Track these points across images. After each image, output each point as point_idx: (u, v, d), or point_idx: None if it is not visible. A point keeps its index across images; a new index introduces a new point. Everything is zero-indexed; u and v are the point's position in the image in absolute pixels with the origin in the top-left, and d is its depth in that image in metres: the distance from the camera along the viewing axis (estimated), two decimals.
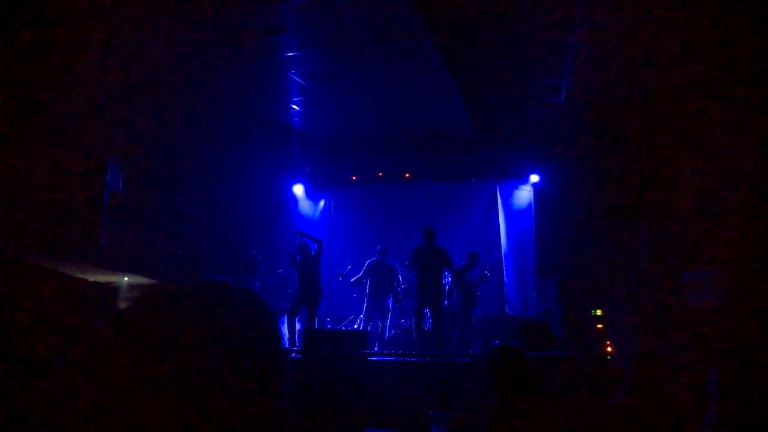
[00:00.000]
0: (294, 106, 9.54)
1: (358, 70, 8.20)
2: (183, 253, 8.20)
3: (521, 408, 2.92)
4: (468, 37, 7.07)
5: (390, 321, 9.23)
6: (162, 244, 7.98)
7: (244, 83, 8.58)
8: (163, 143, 8.34)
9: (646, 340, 6.99)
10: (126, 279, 8.06)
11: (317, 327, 8.85)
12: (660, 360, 3.51)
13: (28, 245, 6.10)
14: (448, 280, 9.19)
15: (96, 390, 0.72)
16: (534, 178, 10.27)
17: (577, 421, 3.55)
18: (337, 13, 6.55)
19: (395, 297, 9.15)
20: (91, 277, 7.39)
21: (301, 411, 5.84)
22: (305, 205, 11.55)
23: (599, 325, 7.79)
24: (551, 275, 9.28)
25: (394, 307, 9.24)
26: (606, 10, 6.09)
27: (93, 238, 7.05)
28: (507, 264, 10.25)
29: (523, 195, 10.56)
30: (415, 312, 8.28)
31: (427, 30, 6.73)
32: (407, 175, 11.05)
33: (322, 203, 11.82)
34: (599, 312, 7.91)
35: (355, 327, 9.48)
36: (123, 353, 0.74)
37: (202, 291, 0.83)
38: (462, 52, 7.42)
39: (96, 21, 6.20)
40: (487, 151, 10.58)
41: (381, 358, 7.69)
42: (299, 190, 11.41)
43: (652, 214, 7.52)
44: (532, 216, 10.28)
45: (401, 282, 9.30)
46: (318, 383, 6.55)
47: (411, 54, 7.59)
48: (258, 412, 0.77)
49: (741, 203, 5.80)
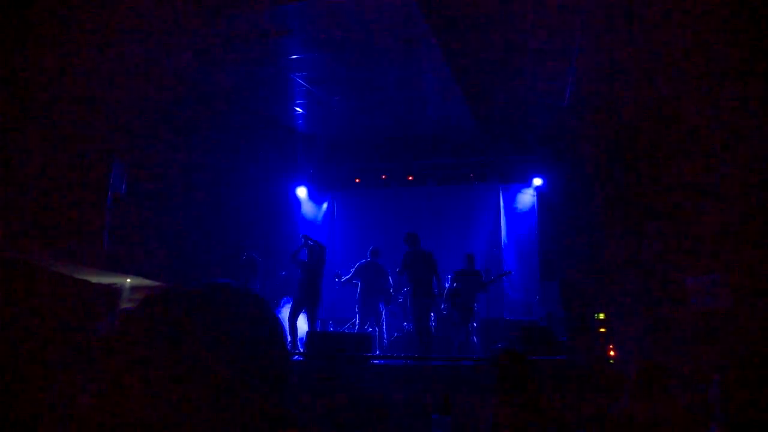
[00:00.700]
0: (297, 108, 9.55)
1: (361, 72, 8.22)
2: (186, 256, 8.21)
3: (524, 411, 2.91)
4: (471, 40, 7.08)
5: (386, 324, 9.19)
6: (165, 246, 8.00)
7: (247, 86, 8.60)
8: (167, 146, 8.36)
9: (649, 344, 6.97)
10: (129, 281, 8.07)
11: (319, 329, 8.85)
12: (664, 366, 3.49)
13: (31, 247, 6.12)
14: (453, 285, 9.12)
15: (101, 391, 0.72)
16: (537, 181, 10.26)
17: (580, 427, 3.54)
18: (341, 16, 6.57)
19: (387, 299, 9.14)
20: (94, 279, 7.40)
21: (303, 413, 5.83)
22: (308, 208, 11.56)
23: (602, 329, 7.77)
24: (554, 279, 9.26)
25: (386, 309, 9.22)
26: (609, 13, 6.09)
27: (96, 240, 7.06)
28: (509, 267, 10.23)
29: (526, 198, 10.55)
30: (416, 316, 8.29)
31: (431, 32, 6.74)
32: (410, 178, 11.05)
33: (325, 206, 11.82)
34: (602, 316, 7.89)
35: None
36: (128, 354, 0.74)
37: (206, 293, 0.83)
38: (465, 54, 7.43)
39: (101, 22, 6.23)
40: (491, 154, 10.58)
41: (383, 361, 7.68)
42: (302, 192, 11.42)
43: (656, 217, 7.50)
44: (535, 219, 10.28)
45: (392, 284, 9.29)
46: (320, 386, 6.55)
47: (414, 56, 7.60)
48: (264, 412, 0.76)
49: (746, 207, 5.78)
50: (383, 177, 11.13)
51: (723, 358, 5.28)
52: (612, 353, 7.41)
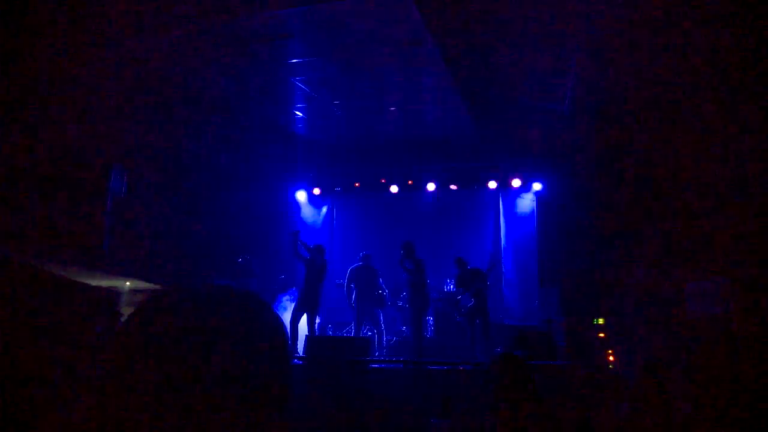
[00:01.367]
0: (297, 112, 9.56)
1: (361, 77, 8.23)
2: (185, 260, 8.21)
3: (523, 417, 2.90)
4: (471, 45, 7.09)
5: (383, 327, 9.17)
6: (165, 249, 8.00)
7: (247, 89, 8.61)
8: (167, 149, 8.37)
9: (648, 349, 6.96)
10: (128, 284, 8.08)
11: (318, 334, 8.84)
12: (664, 371, 3.49)
13: (32, 249, 6.12)
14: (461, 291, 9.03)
15: (102, 392, 0.72)
16: (537, 186, 10.26)
17: None
18: (342, 20, 6.58)
19: (381, 302, 9.13)
20: (94, 282, 7.41)
21: (303, 417, 5.82)
22: (308, 211, 11.54)
23: (601, 334, 7.77)
24: (553, 284, 9.25)
25: (384, 313, 9.22)
26: (608, 18, 6.10)
27: (96, 242, 7.06)
28: (508, 272, 10.22)
29: (526, 203, 10.54)
30: (416, 320, 8.32)
31: (432, 38, 6.76)
32: (410, 182, 11.04)
33: (324, 209, 11.81)
34: (601, 321, 7.89)
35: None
36: (129, 355, 0.74)
37: (207, 295, 0.83)
38: (465, 59, 7.44)
39: (102, 26, 6.24)
40: (490, 159, 10.57)
41: (382, 365, 7.66)
42: (302, 196, 11.41)
43: (655, 222, 7.50)
44: (534, 224, 10.26)
45: (384, 287, 9.28)
46: (319, 390, 6.53)
47: (415, 62, 7.62)
48: (264, 415, 0.77)
49: (746, 212, 5.78)
50: (383, 181, 11.12)
51: (722, 362, 5.27)
52: (611, 358, 7.41)
